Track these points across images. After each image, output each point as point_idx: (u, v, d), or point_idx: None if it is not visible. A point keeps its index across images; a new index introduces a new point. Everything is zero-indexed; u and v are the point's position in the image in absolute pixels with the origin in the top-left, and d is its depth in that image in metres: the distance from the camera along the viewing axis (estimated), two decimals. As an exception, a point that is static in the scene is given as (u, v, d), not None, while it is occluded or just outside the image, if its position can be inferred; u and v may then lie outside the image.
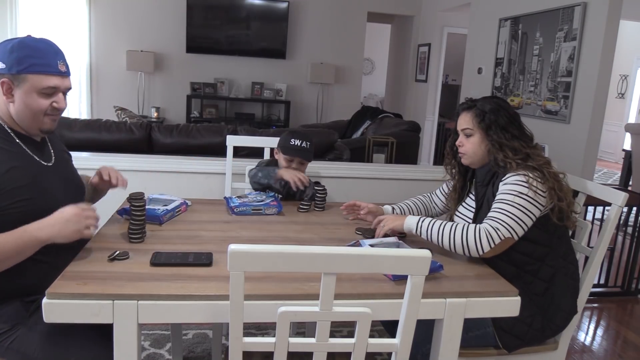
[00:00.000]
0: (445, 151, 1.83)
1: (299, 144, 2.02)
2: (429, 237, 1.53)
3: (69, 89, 1.45)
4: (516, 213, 1.46)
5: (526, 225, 1.48)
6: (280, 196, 2.00)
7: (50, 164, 1.49)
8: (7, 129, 1.40)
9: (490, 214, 1.50)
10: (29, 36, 1.39)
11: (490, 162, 1.62)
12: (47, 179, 1.44)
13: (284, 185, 2.01)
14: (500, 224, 1.45)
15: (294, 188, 1.93)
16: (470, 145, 1.64)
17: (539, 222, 1.51)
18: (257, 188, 2.06)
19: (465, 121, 1.65)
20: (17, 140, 1.41)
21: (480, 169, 1.68)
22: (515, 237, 1.47)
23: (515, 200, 1.47)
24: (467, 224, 1.49)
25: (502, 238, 1.44)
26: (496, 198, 1.52)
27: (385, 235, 1.61)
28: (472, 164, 1.68)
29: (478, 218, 1.64)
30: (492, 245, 1.43)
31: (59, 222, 1.28)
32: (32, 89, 1.35)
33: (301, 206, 1.92)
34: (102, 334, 1.26)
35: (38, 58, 1.35)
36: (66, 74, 1.41)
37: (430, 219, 1.56)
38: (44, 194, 1.40)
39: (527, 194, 1.47)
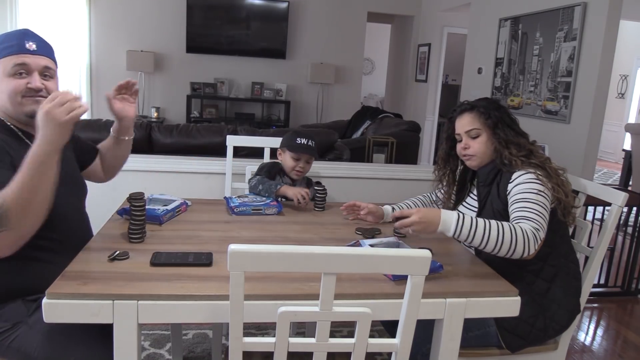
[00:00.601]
0: (438, 157, 1.82)
1: (305, 142, 2.04)
2: (470, 238, 1.39)
3: (46, 67, 1.41)
4: (543, 212, 1.45)
5: (548, 222, 1.47)
6: (283, 199, 2.01)
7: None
8: (11, 126, 1.40)
9: (522, 214, 1.44)
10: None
11: (496, 160, 1.62)
12: None
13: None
14: (539, 225, 1.41)
15: (296, 204, 1.92)
16: (479, 146, 1.63)
17: None
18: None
19: (468, 122, 1.64)
20: (25, 139, 1.40)
21: (482, 168, 1.67)
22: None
23: (538, 199, 1.46)
24: (509, 224, 1.41)
25: (542, 239, 1.41)
26: (516, 197, 1.50)
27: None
28: (480, 165, 1.67)
29: (481, 218, 1.63)
30: (537, 247, 1.40)
31: (46, 129, 1.21)
32: (3, 74, 1.35)
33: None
34: (103, 333, 1.26)
35: (5, 43, 1.36)
36: (37, 52, 1.38)
37: (469, 217, 1.41)
38: (54, 201, 1.39)
39: (544, 190, 1.48)
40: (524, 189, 1.49)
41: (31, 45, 1.38)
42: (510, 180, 1.54)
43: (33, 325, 1.32)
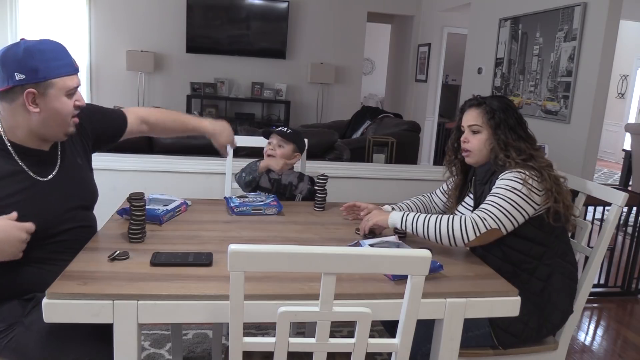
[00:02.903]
0: (447, 147, 1.83)
1: (280, 128, 2.09)
2: (414, 230, 1.53)
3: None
4: (506, 206, 1.46)
5: (516, 220, 1.48)
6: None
7: (46, 179, 1.41)
8: (7, 143, 1.34)
9: (480, 206, 1.51)
10: (25, 40, 1.32)
11: (490, 160, 1.62)
12: (39, 195, 1.37)
13: (273, 182, 2.04)
14: (487, 214, 1.46)
15: (277, 170, 1.96)
16: (477, 142, 1.64)
17: (535, 220, 1.52)
18: (247, 190, 2.06)
19: (473, 117, 1.65)
20: (15, 156, 1.35)
21: (481, 167, 1.68)
22: (503, 231, 1.47)
23: (506, 194, 1.48)
24: (453, 215, 1.50)
25: (488, 228, 1.44)
26: (490, 192, 1.53)
27: (373, 233, 1.65)
28: (477, 162, 1.67)
29: None
30: (478, 234, 1.43)
31: None
32: (59, 93, 1.32)
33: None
34: (99, 333, 1.26)
35: (58, 60, 1.32)
36: (79, 71, 1.41)
37: (415, 213, 1.57)
38: (36, 212, 1.34)
39: (521, 190, 1.48)
40: (500, 185, 1.52)
41: (76, 65, 1.39)
42: (498, 179, 1.55)
43: (29, 326, 1.31)
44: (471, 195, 1.75)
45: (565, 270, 1.60)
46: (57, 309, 1.10)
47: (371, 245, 1.46)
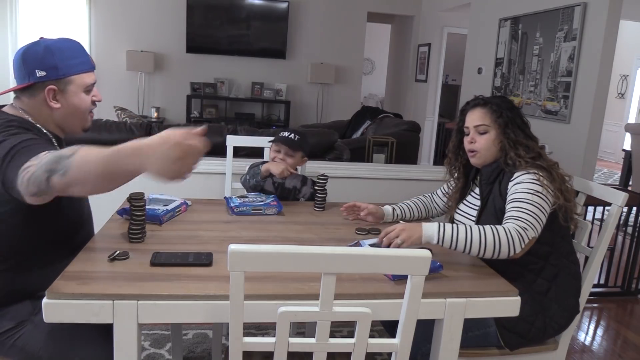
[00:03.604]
0: (448, 149, 1.82)
1: (287, 135, 2.05)
2: (452, 245, 1.41)
3: None
4: (536, 212, 1.45)
5: (544, 223, 1.47)
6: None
7: None
8: (43, 129, 1.39)
9: (513, 214, 1.46)
10: (44, 39, 1.36)
11: (500, 160, 1.62)
12: None
13: (277, 186, 2.03)
14: (527, 224, 1.42)
15: (277, 175, 1.96)
16: (484, 142, 1.63)
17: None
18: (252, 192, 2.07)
19: (479, 117, 1.64)
20: (55, 142, 1.41)
21: (486, 167, 1.67)
22: (537, 236, 1.45)
23: (533, 199, 1.46)
24: (491, 226, 1.42)
25: (530, 238, 1.42)
26: (512, 197, 1.51)
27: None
28: (483, 162, 1.66)
29: (483, 216, 1.64)
30: (523, 246, 1.40)
31: (164, 159, 1.03)
32: (78, 89, 1.38)
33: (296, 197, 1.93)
34: (107, 332, 1.26)
35: (76, 57, 1.37)
36: (94, 67, 1.46)
37: (450, 225, 1.43)
38: (72, 203, 1.42)
39: (542, 192, 1.48)
40: (521, 189, 1.49)
41: (93, 62, 1.44)
42: (512, 179, 1.55)
43: (38, 324, 1.31)
44: (474, 195, 1.74)
45: (570, 270, 1.60)
46: (57, 308, 1.10)
47: (371, 245, 1.46)
